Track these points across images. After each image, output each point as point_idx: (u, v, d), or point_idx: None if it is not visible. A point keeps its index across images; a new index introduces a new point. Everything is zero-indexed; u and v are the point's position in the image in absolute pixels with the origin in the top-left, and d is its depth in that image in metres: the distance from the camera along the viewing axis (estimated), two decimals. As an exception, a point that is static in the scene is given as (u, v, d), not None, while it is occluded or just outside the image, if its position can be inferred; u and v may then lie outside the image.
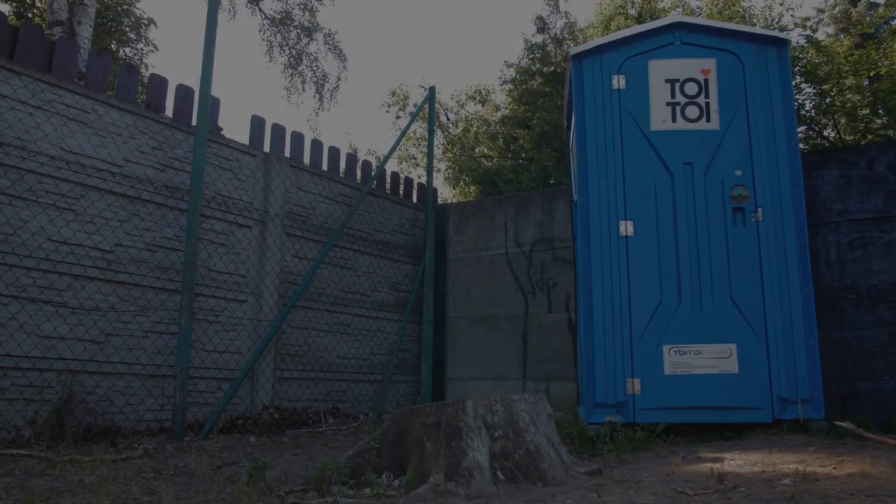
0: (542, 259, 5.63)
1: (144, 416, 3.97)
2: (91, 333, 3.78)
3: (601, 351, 3.56)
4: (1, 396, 3.39)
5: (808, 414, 3.35)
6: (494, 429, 2.68)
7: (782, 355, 3.42)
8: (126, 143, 4.11)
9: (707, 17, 19.32)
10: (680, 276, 3.56)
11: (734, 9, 19.10)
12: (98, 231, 3.88)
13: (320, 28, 9.88)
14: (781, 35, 3.73)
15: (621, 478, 2.62)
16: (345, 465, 2.87)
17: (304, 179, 5.26)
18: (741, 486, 2.29)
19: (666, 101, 3.70)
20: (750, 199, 3.60)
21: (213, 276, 4.46)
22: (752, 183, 3.62)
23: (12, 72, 3.63)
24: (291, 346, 4.95)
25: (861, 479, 2.27)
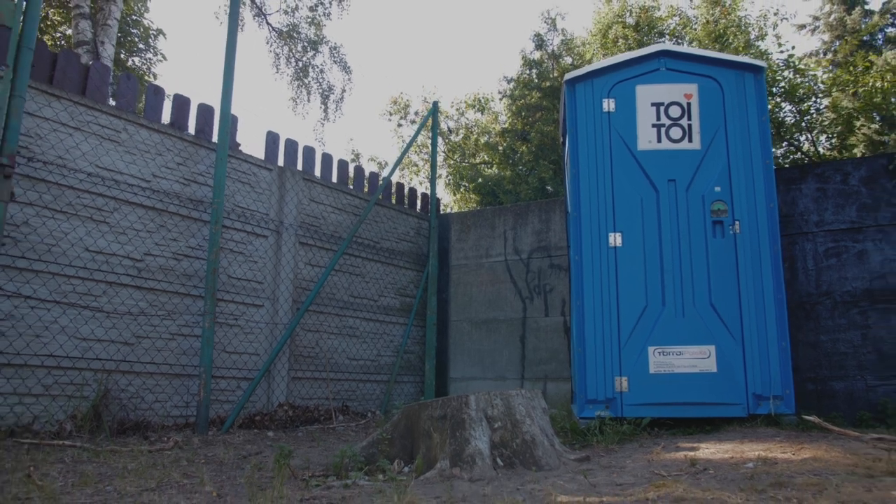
0: (539, 266, 5.96)
1: (171, 413, 4.30)
2: (123, 336, 4.12)
3: (592, 352, 3.89)
4: (45, 393, 3.72)
5: (779, 409, 3.68)
6: (494, 421, 3.01)
7: (757, 356, 3.75)
8: (154, 159, 4.45)
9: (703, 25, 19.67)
10: (664, 284, 3.89)
11: (730, 18, 19.47)
12: (130, 241, 4.22)
13: (326, 41, 10.22)
14: (758, 63, 4.07)
15: (607, 464, 2.95)
16: (360, 453, 3.20)
17: (315, 191, 5.60)
18: (710, 469, 2.62)
19: (652, 122, 4.04)
20: (728, 213, 3.93)
21: (232, 282, 4.79)
22: (731, 198, 3.95)
23: (53, 96, 3.97)
24: (304, 348, 5.28)
25: (813, 462, 2.60)
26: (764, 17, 20.26)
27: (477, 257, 6.30)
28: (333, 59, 10.47)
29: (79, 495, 2.47)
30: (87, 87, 4.24)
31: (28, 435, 3.53)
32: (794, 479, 2.34)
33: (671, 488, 2.26)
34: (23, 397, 3.62)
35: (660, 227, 3.95)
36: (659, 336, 3.82)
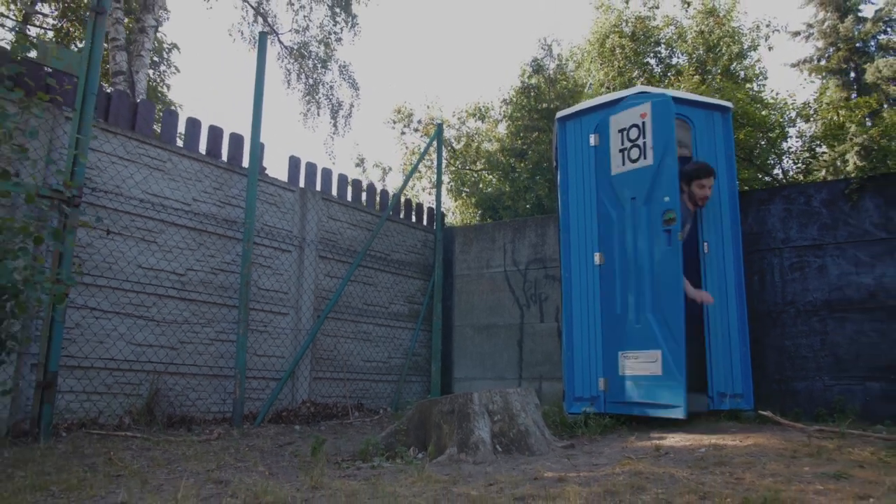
0: (535, 276, 6.55)
1: (211, 408, 4.90)
2: (170, 341, 4.71)
3: (579, 355, 4.48)
4: (107, 391, 4.31)
5: (740, 405, 4.27)
6: (494, 414, 3.60)
7: (720, 359, 4.34)
8: (194, 185, 5.04)
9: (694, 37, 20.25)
10: (640, 296, 4.47)
11: (724, 28, 20.07)
12: (175, 258, 4.81)
13: (336, 59, 10.81)
14: (725, 103, 4.66)
15: (588, 450, 3.54)
16: (381, 442, 3.79)
17: (333, 210, 6.19)
18: (670, 454, 3.21)
19: (619, 148, 4.61)
20: (677, 221, 4.51)
21: (261, 293, 5.39)
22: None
23: (110, 132, 4.56)
24: (324, 351, 5.88)
25: (754, 447, 3.19)
26: (756, 28, 20.83)
27: (479, 268, 6.89)
28: (342, 77, 11.07)
29: (158, 473, 3.06)
30: (136, 123, 4.83)
31: (95, 427, 4.12)
32: (733, 459, 2.93)
33: (634, 466, 2.85)
34: (90, 395, 4.21)
35: (632, 242, 4.52)
36: (636, 342, 4.40)
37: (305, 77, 10.97)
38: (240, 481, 2.79)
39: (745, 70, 20.14)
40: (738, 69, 19.84)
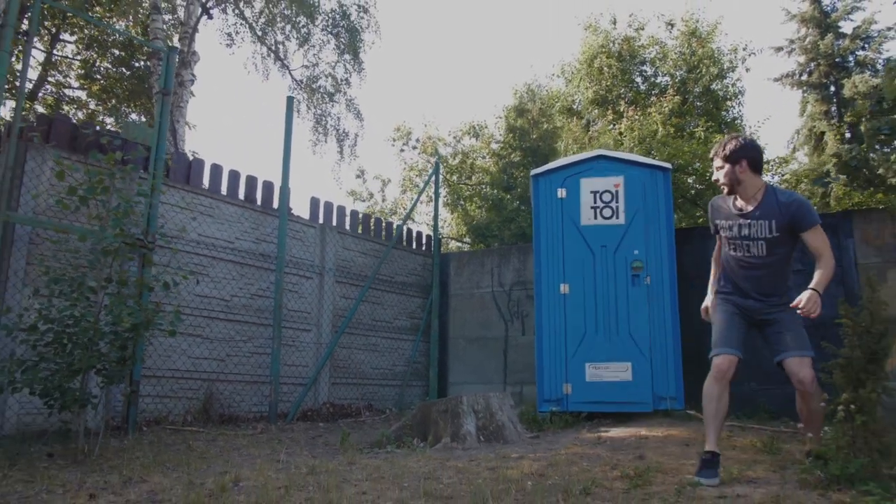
0: (518, 296, 7.69)
1: (251, 409, 6.03)
2: (219, 355, 5.84)
3: (548, 365, 5.62)
4: (174, 395, 5.44)
5: (673, 406, 5.42)
6: (478, 413, 4.74)
7: (659, 368, 5.48)
8: (235, 226, 6.17)
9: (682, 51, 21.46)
10: (597, 318, 5.62)
11: (704, 51, 21.30)
12: (222, 287, 5.94)
13: (343, 93, 11.95)
14: (665, 165, 5.81)
15: (549, 440, 4.68)
16: (392, 434, 4.92)
17: (347, 241, 7.33)
18: (607, 442, 4.35)
19: (591, 205, 5.77)
20: (643, 269, 5.67)
21: (290, 314, 6.52)
22: (646, 259, 5.69)
23: (171, 187, 5.68)
24: (340, 360, 7.01)
25: (667, 437, 4.33)
26: (734, 51, 22.08)
27: (470, 288, 8.02)
28: (349, 109, 12.21)
29: (232, 455, 4.18)
30: (190, 178, 5.96)
31: (167, 423, 5.25)
32: (648, 444, 4.08)
33: (577, 449, 4.00)
34: (161, 398, 5.34)
35: (595, 279, 5.68)
36: (593, 355, 5.56)
37: (314, 108, 12.10)
38: (294, 460, 3.92)
39: (724, 90, 21.38)
40: (718, 89, 21.10)
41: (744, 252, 3.30)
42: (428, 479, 3.13)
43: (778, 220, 3.18)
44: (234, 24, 10.70)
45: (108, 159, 4.00)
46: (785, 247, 3.25)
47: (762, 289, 3.30)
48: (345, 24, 10.94)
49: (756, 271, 3.29)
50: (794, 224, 3.17)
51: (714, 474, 3.00)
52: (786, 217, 3.17)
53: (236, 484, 3.11)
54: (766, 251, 3.23)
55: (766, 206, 3.22)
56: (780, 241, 3.22)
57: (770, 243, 3.22)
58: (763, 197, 3.25)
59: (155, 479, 3.29)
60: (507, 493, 2.79)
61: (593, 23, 21.20)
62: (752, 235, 3.25)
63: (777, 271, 3.29)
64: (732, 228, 3.32)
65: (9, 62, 4.84)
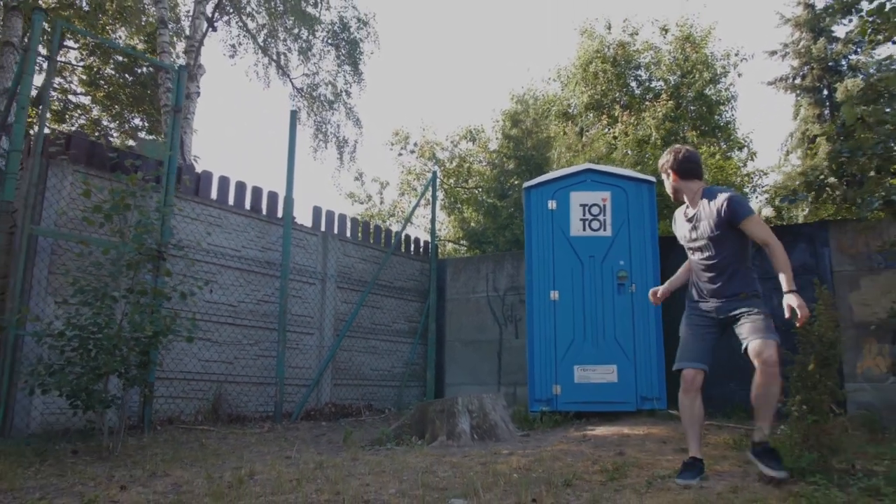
0: (511, 301, 8.02)
1: (258, 409, 6.35)
2: (228, 358, 6.16)
3: (538, 367, 5.95)
4: (184, 396, 5.76)
5: (656, 406, 5.75)
6: (473, 412, 5.06)
7: (643, 371, 5.82)
8: (241, 235, 6.49)
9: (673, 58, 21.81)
10: (585, 324, 5.96)
11: (697, 56, 21.65)
12: (230, 294, 6.26)
13: (343, 101, 12.27)
14: (650, 178, 6.14)
15: (538, 438, 5.01)
16: (391, 433, 5.24)
17: (348, 248, 7.66)
18: (591, 439, 4.68)
19: (580, 217, 6.11)
20: (628, 278, 6.00)
21: (294, 318, 6.84)
22: (631, 268, 6.02)
23: (181, 199, 6.00)
24: (341, 363, 7.33)
25: (648, 435, 4.66)
26: (727, 57, 22.45)
27: (466, 293, 8.35)
28: (348, 117, 12.53)
29: (243, 452, 4.50)
30: (199, 190, 6.28)
31: (179, 422, 5.57)
32: (629, 442, 4.41)
33: (562, 446, 4.33)
34: (174, 399, 5.66)
35: (583, 287, 6.01)
36: (581, 358, 5.89)
37: (315, 116, 12.42)
38: (302, 456, 4.24)
39: (717, 95, 21.74)
40: (711, 94, 21.46)
41: (699, 255, 3.45)
42: (425, 473, 3.45)
43: (714, 220, 3.30)
44: (237, 35, 11.02)
45: (131, 180, 4.32)
46: (731, 243, 3.32)
47: (723, 290, 3.37)
48: (345, 36, 11.27)
49: (713, 271, 3.38)
50: (729, 220, 3.27)
51: (691, 476, 3.19)
52: (718, 215, 3.28)
53: (251, 477, 3.43)
54: (715, 250, 3.35)
55: (703, 208, 3.38)
56: (724, 239, 3.31)
57: (715, 242, 3.33)
58: (699, 199, 3.42)
59: (176, 473, 3.61)
60: (496, 484, 3.12)
61: (589, 28, 21.54)
62: (699, 237, 3.40)
63: (729, 267, 3.35)
64: (687, 234, 3.50)
65: (31, 84, 5.16)
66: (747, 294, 3.33)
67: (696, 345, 3.48)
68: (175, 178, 5.74)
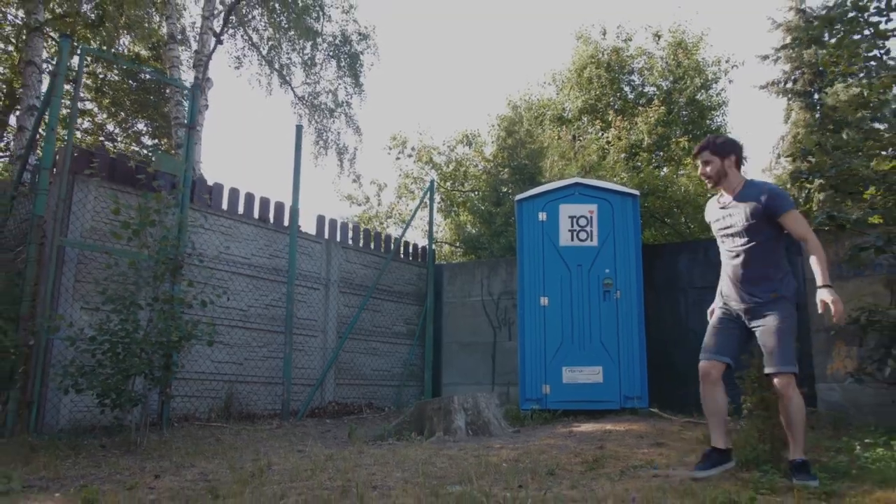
0: (505, 304, 8.44)
1: (266, 408, 6.76)
2: (238, 359, 6.57)
3: (529, 368, 6.38)
4: (199, 395, 6.17)
5: (638, 405, 6.18)
6: (467, 410, 5.48)
7: (626, 372, 6.25)
8: (251, 244, 6.89)
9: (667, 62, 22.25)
10: (573, 328, 6.38)
11: (689, 61, 22.10)
12: (240, 299, 6.66)
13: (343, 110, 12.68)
14: (634, 192, 6.57)
15: (528, 433, 5.43)
16: (392, 429, 5.66)
17: (350, 255, 8.07)
18: (576, 435, 5.10)
19: (568, 228, 6.53)
20: (613, 286, 6.43)
21: (299, 321, 7.25)
22: (616, 276, 6.45)
23: (195, 210, 6.39)
24: (344, 363, 7.75)
25: (628, 431, 5.09)
26: (718, 63, 22.92)
27: (462, 297, 8.77)
28: (348, 125, 12.95)
29: (257, 446, 4.92)
30: (211, 201, 6.68)
31: (194, 420, 5.98)
32: (610, 437, 4.84)
33: (549, 441, 4.75)
34: (189, 398, 6.07)
35: (571, 293, 6.43)
36: (569, 360, 6.31)
37: (316, 123, 12.83)
38: (312, 449, 4.66)
39: (708, 100, 22.20)
40: (703, 99, 21.94)
41: (730, 243, 3.48)
42: (425, 464, 3.87)
43: (753, 208, 3.36)
44: (241, 47, 11.42)
45: (157, 197, 4.73)
46: (763, 234, 3.37)
47: (749, 278, 3.39)
48: (346, 49, 11.68)
49: (740, 261, 3.41)
50: (768, 210, 3.32)
51: (704, 467, 3.30)
52: (760, 204, 3.34)
53: (270, 468, 3.84)
54: (746, 239, 3.39)
55: (743, 197, 3.42)
56: (758, 228, 3.36)
57: (749, 231, 3.37)
58: (742, 189, 3.47)
59: (201, 465, 4.02)
60: (488, 473, 3.54)
61: (584, 33, 21.96)
62: (733, 224, 3.44)
63: (760, 261, 3.38)
64: (719, 221, 3.54)
65: (59, 107, 5.56)
66: (777, 294, 3.35)
67: (717, 338, 3.54)
68: (189, 191, 6.14)
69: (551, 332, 6.40)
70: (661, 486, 3.20)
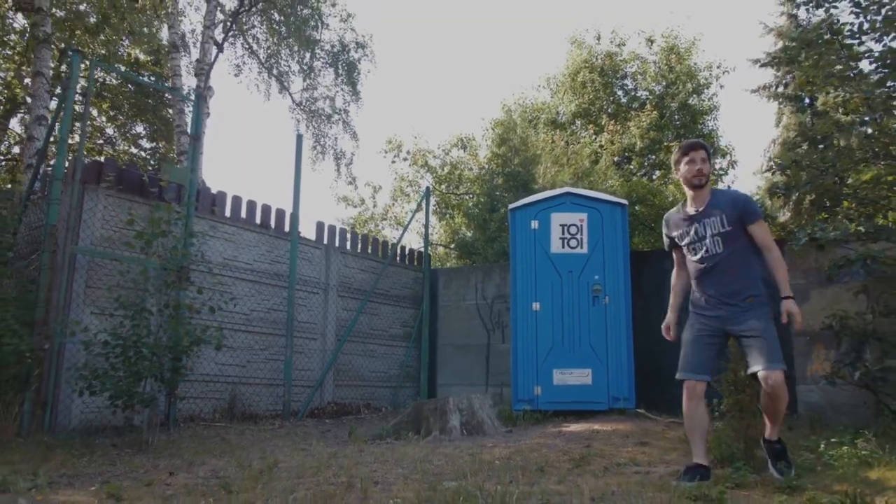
0: (499, 308, 8.70)
1: (268, 408, 7.00)
2: (241, 362, 6.80)
3: (521, 370, 6.64)
4: (203, 396, 6.40)
5: (626, 405, 6.45)
6: (462, 411, 5.74)
7: (614, 374, 6.51)
8: (253, 250, 7.13)
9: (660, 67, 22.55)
10: (563, 332, 6.65)
11: (682, 66, 22.41)
12: (242, 303, 6.90)
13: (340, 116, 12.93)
14: (622, 201, 6.84)
15: (520, 433, 5.69)
16: (390, 429, 5.91)
17: (348, 260, 8.31)
18: (566, 434, 5.36)
19: (559, 236, 6.79)
20: (602, 291, 6.70)
21: (300, 325, 7.49)
22: (604, 282, 6.72)
23: (199, 217, 6.63)
24: (342, 365, 7.99)
25: (614, 431, 5.35)
26: (709, 69, 23.26)
27: (457, 301, 9.03)
28: (345, 130, 13.19)
29: (262, 445, 5.16)
30: (214, 208, 6.91)
31: (199, 420, 6.22)
32: (597, 436, 5.10)
33: (540, 440, 5.01)
34: (194, 399, 6.30)
35: (562, 299, 6.70)
36: (560, 362, 6.58)
37: (313, 128, 13.07)
38: (315, 448, 4.90)
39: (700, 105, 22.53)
40: (694, 104, 22.27)
41: (702, 253, 3.48)
42: (422, 462, 4.12)
43: (728, 214, 3.40)
44: (241, 55, 11.65)
45: (168, 209, 4.97)
46: (740, 241, 3.43)
47: (725, 287, 3.43)
48: (344, 58, 11.93)
49: (717, 270, 3.44)
50: (743, 216, 3.40)
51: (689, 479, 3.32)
52: (735, 210, 3.40)
53: (276, 465, 4.09)
54: (723, 246, 3.42)
55: (715, 205, 3.47)
56: (734, 235, 3.41)
57: (725, 238, 3.42)
58: (710, 197, 3.51)
59: (211, 462, 4.26)
60: (481, 470, 3.80)
61: (578, 38, 22.25)
62: (706, 234, 3.46)
63: (738, 267, 3.41)
64: (689, 233, 3.54)
65: (70, 121, 5.79)
66: (753, 298, 3.40)
67: (698, 355, 3.56)
68: (195, 200, 6.38)
69: (543, 335, 6.66)
70: (641, 482, 3.46)
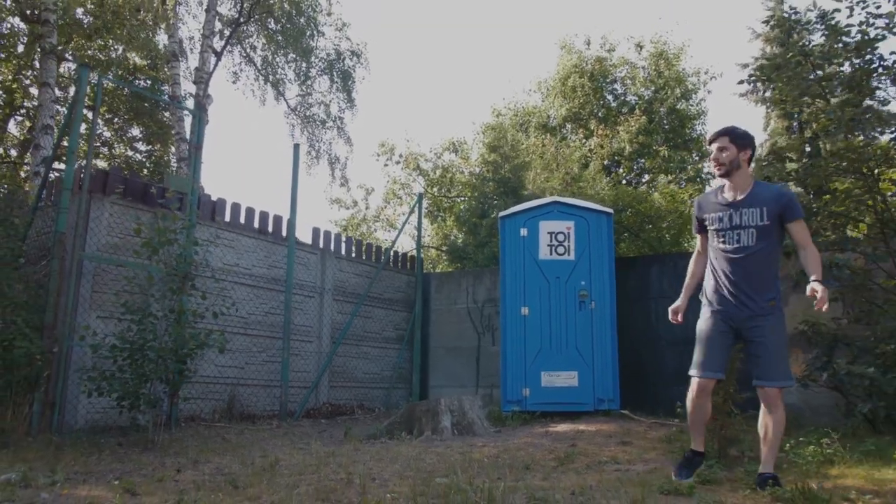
0: (489, 312, 8.96)
1: (265, 409, 7.23)
2: (239, 364, 7.03)
3: (510, 372, 6.91)
4: (204, 397, 6.62)
5: (610, 406, 6.72)
6: (453, 411, 5.99)
7: (599, 376, 6.79)
8: (251, 255, 7.36)
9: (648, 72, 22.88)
10: (551, 335, 6.91)
11: (671, 71, 22.75)
12: (241, 307, 7.12)
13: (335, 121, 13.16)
14: (608, 210, 7.12)
15: (509, 433, 5.95)
16: (384, 429, 6.15)
17: (343, 264, 8.55)
18: (552, 434, 5.63)
19: (547, 243, 7.06)
20: (589, 296, 6.97)
21: (296, 328, 7.72)
22: (591, 288, 6.99)
23: (200, 224, 6.85)
24: (337, 367, 8.23)
25: (598, 431, 5.62)
26: (697, 74, 23.61)
27: (448, 304, 9.28)
28: (339, 135, 13.42)
29: (262, 444, 5.39)
30: (214, 214, 7.14)
31: (200, 420, 6.44)
32: (581, 436, 5.37)
33: (527, 440, 5.27)
34: (194, 400, 6.52)
35: (550, 304, 6.97)
36: (547, 365, 6.85)
37: (308, 133, 13.30)
38: (312, 447, 5.14)
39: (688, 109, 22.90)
40: (683, 109, 22.65)
41: (734, 243, 3.37)
42: (415, 460, 4.38)
43: (769, 209, 3.29)
44: (238, 63, 11.86)
45: (174, 218, 5.20)
46: (773, 237, 3.35)
47: (751, 281, 3.34)
48: (339, 66, 12.17)
49: (745, 262, 3.35)
50: (784, 213, 3.29)
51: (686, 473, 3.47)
52: (778, 206, 3.29)
53: (277, 463, 4.33)
54: (756, 240, 3.32)
55: (757, 196, 3.34)
56: (770, 231, 3.32)
57: (760, 232, 3.32)
58: (753, 188, 3.38)
59: (215, 460, 4.50)
60: (471, 468, 4.05)
61: (568, 43, 22.55)
62: (743, 224, 3.35)
63: (765, 263, 3.35)
64: (722, 219, 3.41)
65: (79, 132, 6.00)
66: (775, 301, 3.35)
67: (714, 353, 3.50)
68: (196, 207, 6.60)
69: (531, 339, 6.93)
70: (620, 478, 3.73)
